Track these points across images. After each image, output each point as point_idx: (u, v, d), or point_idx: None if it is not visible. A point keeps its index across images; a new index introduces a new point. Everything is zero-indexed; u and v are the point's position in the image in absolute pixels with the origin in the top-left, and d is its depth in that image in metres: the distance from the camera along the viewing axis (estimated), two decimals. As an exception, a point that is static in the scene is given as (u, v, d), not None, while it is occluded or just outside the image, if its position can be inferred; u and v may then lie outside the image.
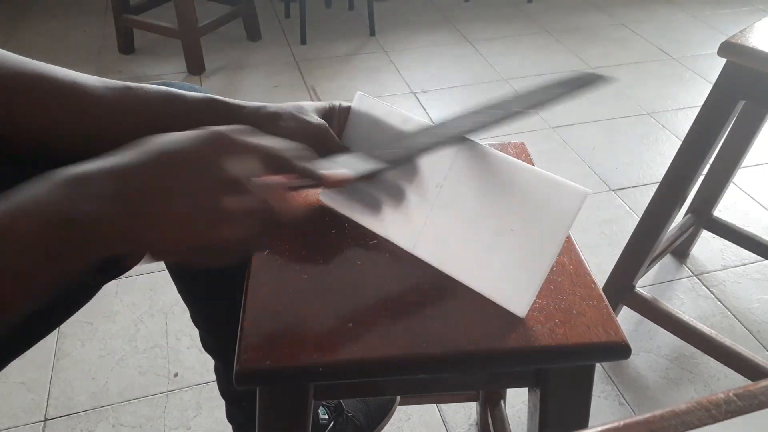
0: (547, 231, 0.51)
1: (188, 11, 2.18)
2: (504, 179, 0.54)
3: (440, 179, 0.57)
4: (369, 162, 0.52)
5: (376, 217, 0.61)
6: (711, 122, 0.97)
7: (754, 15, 2.78)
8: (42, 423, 1.13)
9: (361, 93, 0.63)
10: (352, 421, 1.00)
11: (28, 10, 2.82)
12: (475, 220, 0.55)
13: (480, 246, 0.54)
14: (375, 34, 2.64)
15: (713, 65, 2.36)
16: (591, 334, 0.50)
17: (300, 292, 0.54)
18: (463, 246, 0.55)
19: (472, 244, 0.55)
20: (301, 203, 0.46)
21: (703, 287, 1.42)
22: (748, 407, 0.33)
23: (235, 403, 0.91)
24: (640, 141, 1.95)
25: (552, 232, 0.51)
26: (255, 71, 2.37)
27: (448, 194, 0.56)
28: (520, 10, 2.88)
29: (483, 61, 2.43)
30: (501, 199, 0.54)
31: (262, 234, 0.43)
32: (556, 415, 0.56)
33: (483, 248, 0.54)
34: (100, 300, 1.37)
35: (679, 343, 1.24)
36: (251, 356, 0.48)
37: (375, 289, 0.54)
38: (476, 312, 0.52)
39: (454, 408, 1.16)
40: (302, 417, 0.55)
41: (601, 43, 2.57)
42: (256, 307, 0.52)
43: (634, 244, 1.14)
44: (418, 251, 0.58)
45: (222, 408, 0.94)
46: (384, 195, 0.60)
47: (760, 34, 0.90)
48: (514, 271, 0.52)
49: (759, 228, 1.58)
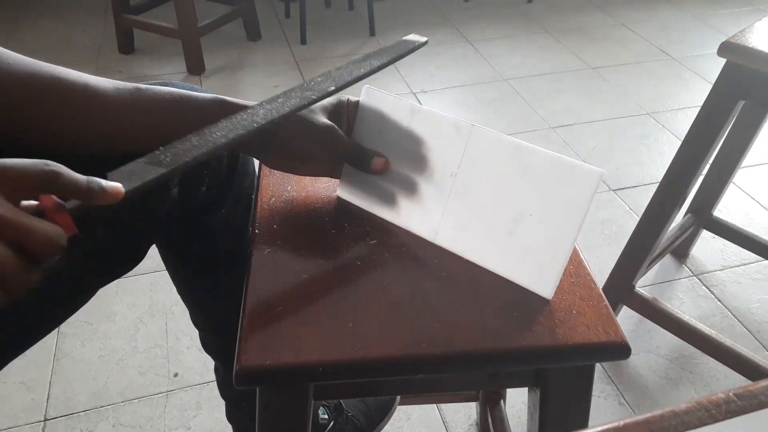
0: (566, 213, 0.52)
1: (188, 11, 2.18)
2: (518, 164, 0.55)
3: (454, 168, 0.58)
4: (149, 172, 0.45)
5: (394, 210, 0.61)
6: (711, 122, 0.97)
7: (754, 15, 2.78)
8: (42, 423, 1.13)
9: (368, 86, 0.63)
10: (352, 421, 1.00)
11: (28, 10, 2.82)
12: (493, 206, 0.56)
13: (500, 231, 0.55)
14: (375, 34, 2.64)
15: (713, 65, 2.36)
16: (591, 334, 0.50)
17: (300, 292, 0.54)
18: (483, 232, 0.56)
19: (492, 230, 0.56)
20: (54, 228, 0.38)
21: (703, 287, 1.42)
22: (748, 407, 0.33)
23: (235, 403, 0.91)
24: (640, 141, 1.95)
25: (571, 213, 0.52)
26: (255, 71, 2.37)
27: (463, 182, 0.57)
28: (520, 10, 2.88)
29: (483, 61, 2.43)
30: (517, 184, 0.55)
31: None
32: (556, 415, 0.56)
33: (504, 233, 0.55)
34: (100, 300, 1.37)
35: (679, 343, 1.24)
36: (251, 356, 0.48)
37: (375, 289, 0.54)
38: (476, 312, 0.52)
39: (454, 408, 1.16)
40: (302, 417, 0.55)
41: (601, 43, 2.57)
42: (256, 307, 0.52)
43: (634, 244, 1.14)
44: (439, 240, 0.59)
45: (222, 408, 0.95)
46: (399, 187, 0.61)
47: (760, 34, 0.90)
48: (537, 255, 0.53)
49: (759, 228, 1.58)
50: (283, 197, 0.65)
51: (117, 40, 2.45)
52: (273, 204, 0.64)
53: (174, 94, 0.56)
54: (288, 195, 0.65)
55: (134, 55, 2.47)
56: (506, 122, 2.05)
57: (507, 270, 0.55)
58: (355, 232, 0.61)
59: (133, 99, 0.55)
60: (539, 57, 2.46)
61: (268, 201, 0.64)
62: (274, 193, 0.66)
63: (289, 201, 0.65)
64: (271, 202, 0.64)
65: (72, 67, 0.55)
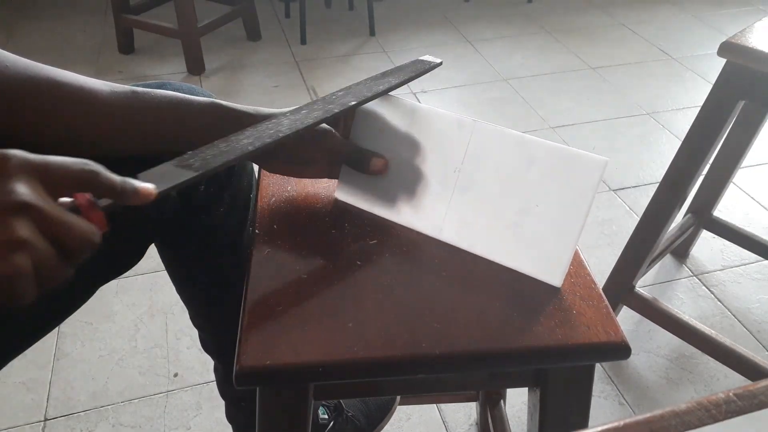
0: (572, 202, 0.53)
1: (188, 11, 2.18)
2: (521, 156, 0.55)
3: (458, 163, 0.58)
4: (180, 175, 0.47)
5: (395, 209, 0.61)
6: (711, 122, 0.97)
7: (754, 15, 2.78)
8: (42, 423, 1.13)
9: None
10: (352, 421, 1.00)
11: (28, 10, 2.82)
12: (498, 199, 0.56)
13: (506, 224, 0.56)
14: (375, 34, 2.64)
15: (713, 65, 2.36)
16: (591, 334, 0.50)
17: (300, 292, 0.54)
18: (489, 226, 0.56)
19: (498, 223, 0.56)
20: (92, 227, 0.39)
21: (703, 287, 1.42)
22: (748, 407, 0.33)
23: (235, 403, 0.91)
24: (640, 141, 1.95)
25: (577, 202, 0.52)
26: (255, 71, 2.37)
27: (467, 177, 0.57)
28: (520, 10, 2.87)
29: (483, 61, 2.43)
30: (521, 176, 0.55)
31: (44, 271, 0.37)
32: (556, 415, 0.56)
33: (510, 226, 0.55)
34: (100, 300, 1.37)
35: (679, 343, 1.24)
36: (251, 356, 0.48)
37: (375, 289, 0.54)
38: (476, 312, 0.52)
39: (454, 408, 1.16)
40: (302, 417, 0.55)
41: (601, 43, 2.57)
42: (256, 307, 0.52)
43: (634, 244, 1.14)
44: (444, 236, 0.59)
45: (222, 408, 0.94)
46: (401, 186, 0.61)
47: (760, 34, 0.90)
48: (544, 244, 0.54)
49: (759, 228, 1.58)
50: (283, 197, 0.65)
51: (117, 40, 2.45)
52: (273, 204, 0.64)
53: (169, 97, 0.57)
54: (288, 195, 0.65)
55: (134, 55, 2.47)
56: (506, 122, 2.05)
57: (515, 261, 0.55)
58: (355, 232, 0.61)
59: (129, 102, 0.55)
60: (539, 57, 2.46)
61: (268, 201, 0.65)
62: (274, 193, 0.66)
63: (289, 201, 0.65)
64: (271, 202, 0.64)
65: (72, 67, 0.55)
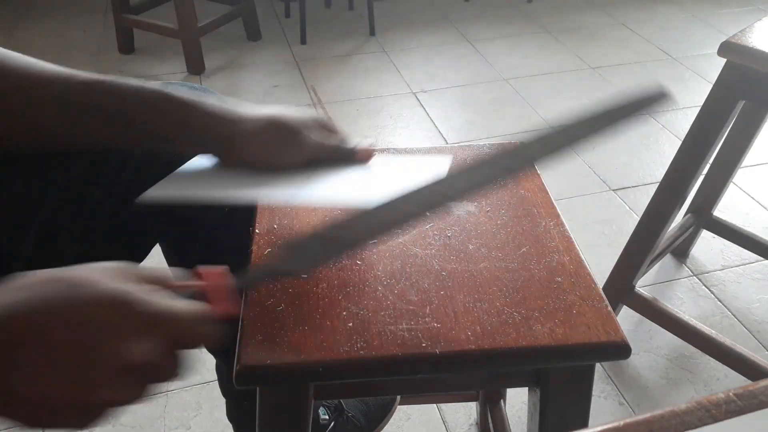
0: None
1: (188, 11, 2.18)
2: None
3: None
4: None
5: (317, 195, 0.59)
6: (711, 122, 0.97)
7: (754, 15, 2.78)
8: (42, 423, 1.13)
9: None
10: (352, 421, 1.00)
11: (28, 10, 2.82)
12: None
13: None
14: (375, 33, 2.64)
15: (713, 65, 2.36)
16: (591, 334, 0.50)
17: (300, 292, 0.54)
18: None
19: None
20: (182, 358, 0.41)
21: (703, 287, 1.42)
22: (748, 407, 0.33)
23: (237, 401, 0.91)
24: (640, 141, 1.95)
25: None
26: (255, 71, 2.37)
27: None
28: (520, 10, 2.87)
29: (483, 61, 2.43)
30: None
31: (142, 393, 0.38)
32: (556, 415, 0.56)
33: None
34: (100, 300, 1.37)
35: (679, 343, 1.23)
36: (251, 356, 0.48)
37: (375, 288, 0.54)
38: (476, 312, 0.52)
39: (454, 408, 1.16)
40: (302, 417, 0.55)
41: (601, 43, 2.57)
42: (256, 307, 0.52)
43: (634, 244, 1.14)
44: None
45: (222, 408, 0.94)
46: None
47: (760, 34, 0.90)
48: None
49: (759, 228, 1.58)
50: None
51: (117, 40, 2.45)
52: (273, 204, 0.64)
53: (123, 86, 0.55)
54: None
55: (134, 55, 2.47)
56: (506, 122, 2.05)
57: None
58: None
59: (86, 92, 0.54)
60: (539, 57, 2.46)
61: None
62: (274, 193, 0.66)
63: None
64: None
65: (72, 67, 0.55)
